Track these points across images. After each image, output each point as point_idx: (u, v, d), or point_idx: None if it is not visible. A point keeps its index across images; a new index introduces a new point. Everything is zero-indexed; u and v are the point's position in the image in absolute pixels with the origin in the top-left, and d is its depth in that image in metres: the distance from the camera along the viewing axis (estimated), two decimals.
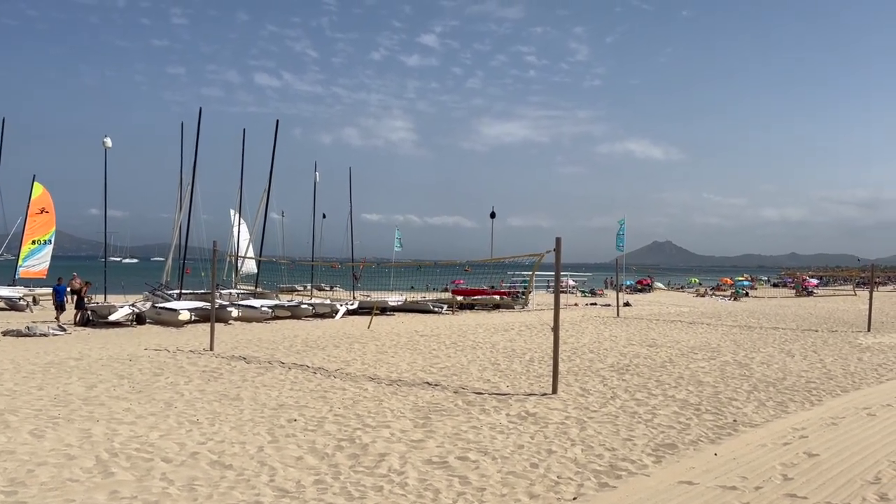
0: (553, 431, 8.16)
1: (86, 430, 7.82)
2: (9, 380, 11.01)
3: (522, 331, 21.12)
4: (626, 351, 16.19)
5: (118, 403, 9.35)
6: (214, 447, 7.23)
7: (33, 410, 8.81)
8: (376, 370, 12.77)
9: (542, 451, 7.30)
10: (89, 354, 14.33)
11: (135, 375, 11.67)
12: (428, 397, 10.17)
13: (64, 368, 12.30)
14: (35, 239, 34.35)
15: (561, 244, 10.88)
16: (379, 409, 9.26)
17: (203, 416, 8.70)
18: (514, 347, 16.63)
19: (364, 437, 7.73)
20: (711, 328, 23.14)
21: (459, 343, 17.44)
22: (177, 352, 14.98)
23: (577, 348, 16.55)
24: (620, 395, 10.47)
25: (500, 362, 14.02)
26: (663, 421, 8.77)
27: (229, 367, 12.86)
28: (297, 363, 13.45)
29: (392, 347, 16.39)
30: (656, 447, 7.47)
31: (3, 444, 7.19)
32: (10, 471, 6.30)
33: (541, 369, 13.01)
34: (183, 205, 31.36)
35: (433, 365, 13.53)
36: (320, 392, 10.48)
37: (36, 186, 34.82)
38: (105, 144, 29.82)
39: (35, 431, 7.73)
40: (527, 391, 10.80)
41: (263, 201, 35.00)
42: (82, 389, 10.32)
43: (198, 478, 6.21)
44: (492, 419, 8.76)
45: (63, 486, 5.94)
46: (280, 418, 8.63)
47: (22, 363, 12.87)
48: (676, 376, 12.38)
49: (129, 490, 5.86)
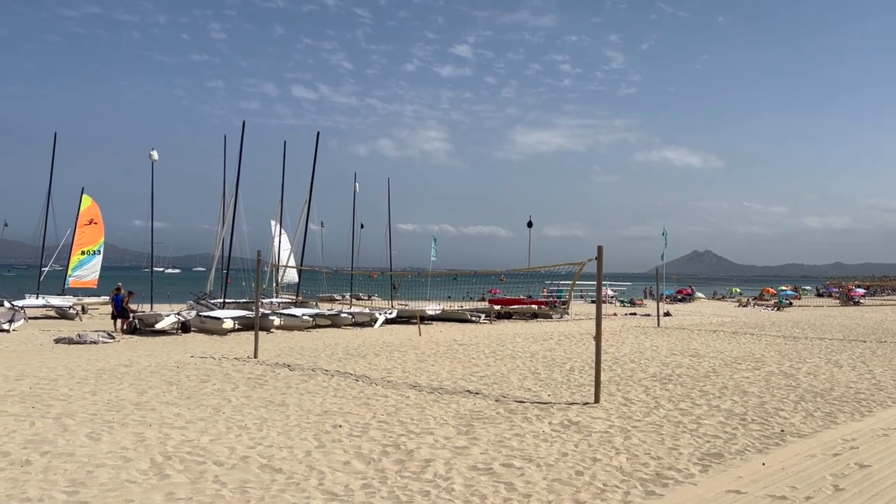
0: (597, 440, 8.15)
1: (139, 434, 8.06)
2: (64, 385, 11.37)
3: (562, 340, 21.05)
4: (668, 361, 16.03)
5: (168, 409, 9.60)
6: (263, 451, 7.39)
7: (89, 415, 9.10)
8: (417, 378, 12.87)
9: (586, 458, 7.30)
10: (138, 361, 14.71)
11: (183, 382, 11.96)
12: (470, 405, 10.23)
13: (115, 375, 12.66)
14: (84, 249, 35.35)
15: (602, 253, 10.88)
16: (422, 417, 9.35)
17: (251, 421, 8.89)
18: (553, 357, 16.59)
19: (408, 443, 7.82)
20: (755, 338, 22.77)
21: (499, 352, 17.46)
22: (222, 359, 15.28)
23: (618, 358, 16.44)
24: (664, 405, 10.40)
25: (540, 371, 14.01)
26: (708, 430, 8.69)
27: (273, 374, 13.08)
28: (339, 371, 13.62)
29: (432, 356, 16.48)
30: (702, 456, 7.42)
31: (62, 446, 7.46)
32: (71, 472, 6.53)
33: (582, 379, 12.98)
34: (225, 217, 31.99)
35: (473, 373, 13.58)
36: (363, 399, 10.61)
37: (84, 198, 35.86)
38: (152, 157, 30.60)
39: (92, 434, 7.99)
40: (569, 400, 10.79)
41: (304, 212, 35.52)
42: (134, 395, 10.62)
43: (249, 480, 6.37)
44: (534, 427, 8.78)
45: (121, 486, 6.15)
46: (325, 424, 8.77)
47: (75, 370, 13.28)
48: (720, 386, 12.24)
49: (185, 491, 6.04)
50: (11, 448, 7.29)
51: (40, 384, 11.42)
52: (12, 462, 6.80)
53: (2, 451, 7.14)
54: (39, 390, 10.84)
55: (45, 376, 12.29)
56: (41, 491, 5.94)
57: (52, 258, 37.61)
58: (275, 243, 37.19)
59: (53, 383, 11.54)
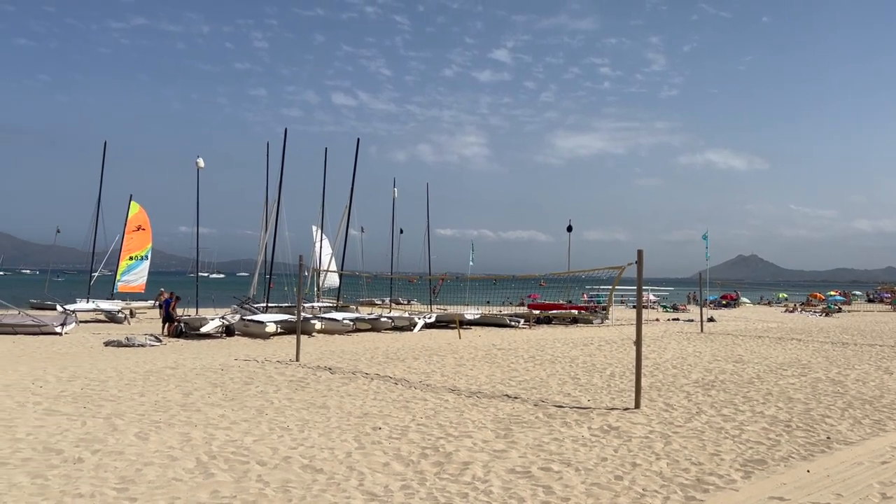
0: (637, 445, 8.10)
1: (185, 434, 8.27)
2: (113, 387, 11.72)
3: (602, 346, 20.88)
4: (712, 367, 15.80)
5: (213, 410, 9.82)
6: (305, 452, 7.53)
7: (137, 415, 9.37)
8: (456, 382, 12.93)
9: (626, 463, 7.26)
10: (184, 364, 15.06)
11: (227, 384, 12.21)
12: (508, 409, 10.25)
13: (162, 377, 12.99)
14: (132, 255, 36.29)
15: (643, 256, 10.80)
16: (460, 420, 9.40)
17: (293, 422, 9.05)
18: (593, 362, 16.48)
19: (447, 446, 7.88)
20: (802, 344, 22.26)
21: (538, 357, 17.41)
22: (265, 362, 15.56)
23: (660, 364, 16.26)
24: (706, 411, 10.26)
25: (579, 376, 13.94)
26: (751, 437, 8.56)
27: (315, 377, 13.27)
28: (379, 374, 13.75)
29: (470, 360, 16.52)
30: (745, 462, 7.31)
31: (112, 445, 7.70)
32: (121, 469, 6.75)
33: (622, 384, 12.87)
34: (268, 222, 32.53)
35: (512, 378, 13.57)
36: (402, 402, 10.70)
37: (133, 205, 36.83)
38: (198, 165, 31.29)
39: (140, 434, 8.23)
40: (608, 405, 10.72)
41: (344, 218, 35.92)
42: (180, 396, 10.89)
43: (291, 480, 6.50)
44: (574, 432, 8.76)
45: (168, 484, 6.33)
46: (365, 426, 8.88)
47: (124, 371, 13.66)
48: (765, 392, 12.02)
49: (229, 490, 6.19)
50: (65, 446, 7.56)
51: (91, 385, 11.78)
52: (65, 459, 7.05)
53: (55, 449, 7.42)
54: (90, 391, 11.19)
55: (95, 377, 12.67)
56: (93, 487, 6.16)
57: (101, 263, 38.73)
58: (316, 248, 37.67)
59: (103, 384, 11.90)
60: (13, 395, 10.62)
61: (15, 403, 9.98)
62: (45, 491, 6.04)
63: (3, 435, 8.03)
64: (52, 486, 6.16)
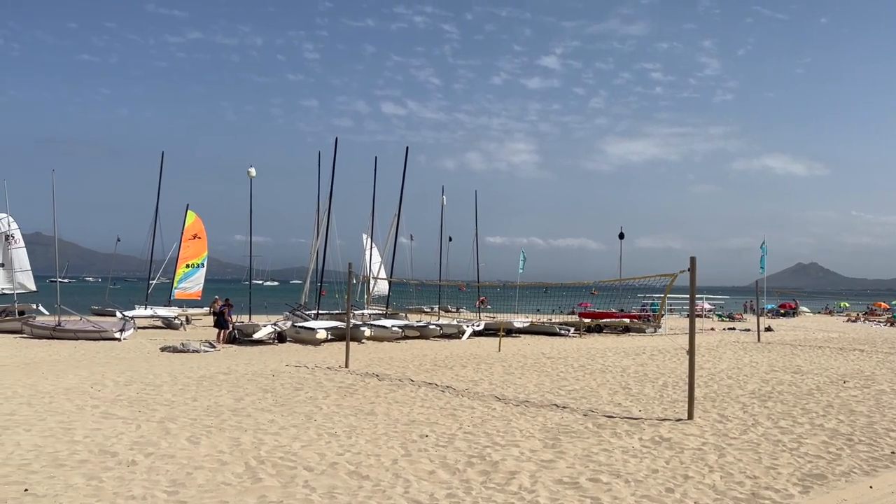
0: (689, 457, 7.88)
1: (235, 439, 8.39)
2: (168, 391, 11.98)
3: (654, 355, 20.47)
4: (769, 377, 15.31)
5: (263, 415, 9.95)
6: (352, 458, 7.55)
7: (189, 419, 9.55)
8: (503, 390, 12.82)
9: (677, 476, 7.07)
10: (236, 370, 15.32)
11: (277, 389, 12.37)
12: (557, 419, 10.10)
13: (214, 382, 13.23)
14: (189, 263, 37.20)
15: (696, 264, 10.54)
16: (508, 429, 9.30)
17: (340, 429, 9.09)
18: (645, 372, 16.16)
19: (494, 455, 7.80)
20: (865, 355, 21.41)
21: (588, 366, 17.16)
22: (315, 368, 15.71)
23: (715, 374, 15.84)
24: (762, 423, 9.93)
25: (631, 386, 13.68)
26: (810, 450, 8.24)
27: (363, 383, 13.34)
28: (426, 381, 13.74)
29: (519, 369, 16.38)
30: (803, 477, 7.04)
31: (164, 448, 7.86)
32: (172, 472, 6.87)
33: (675, 395, 12.57)
34: (320, 231, 32.96)
35: (561, 387, 13.40)
36: (450, 410, 10.66)
37: (189, 214, 37.77)
38: (250, 174, 31.92)
39: (191, 438, 8.38)
40: (660, 416, 10.48)
41: (393, 226, 36.15)
42: (231, 401, 11.07)
43: (337, 486, 6.52)
44: (624, 443, 8.57)
45: (217, 488, 6.42)
46: (412, 433, 8.87)
47: (178, 376, 13.97)
48: (825, 405, 11.58)
49: (276, 495, 6.24)
50: (119, 449, 7.75)
51: (146, 389, 12.08)
52: (120, 462, 7.22)
53: (110, 452, 7.61)
54: (146, 395, 11.47)
55: (151, 382, 12.99)
56: (144, 490, 6.28)
57: (159, 271, 39.79)
58: (366, 256, 38.00)
59: (158, 389, 12.19)
60: (73, 399, 10.96)
61: (74, 407, 10.29)
62: (99, 492, 6.19)
63: (62, 437, 8.29)
64: (106, 488, 6.31)
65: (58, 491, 6.20)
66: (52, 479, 6.53)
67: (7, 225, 37.50)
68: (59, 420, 9.27)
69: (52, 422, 9.15)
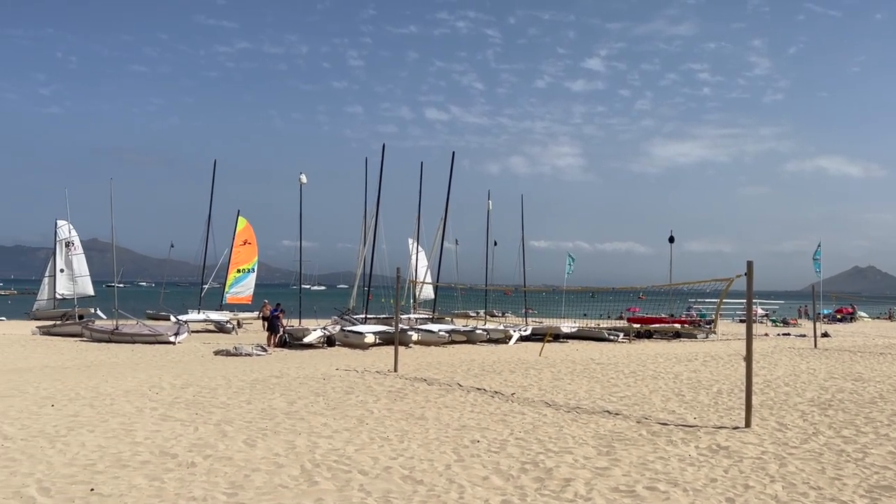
0: (749, 466, 7.69)
1: (290, 442, 8.50)
2: (223, 394, 12.22)
3: (707, 361, 20.06)
4: (828, 385, 14.85)
5: (316, 418, 10.06)
6: (405, 463, 7.58)
7: (244, 422, 9.72)
8: (553, 396, 12.72)
9: (737, 485, 6.90)
10: (288, 373, 15.54)
11: (329, 393, 12.50)
12: (609, 426, 9.97)
13: (267, 385, 13.44)
14: (240, 268, 37.95)
15: (752, 268, 10.30)
16: (560, 435, 9.22)
17: (392, 433, 9.14)
18: (699, 378, 15.84)
19: (547, 462, 7.74)
20: None
21: (639, 372, 16.91)
22: (364, 372, 15.84)
23: (771, 381, 15.44)
24: (824, 432, 9.64)
25: (684, 393, 13.42)
26: (877, 461, 7.95)
27: (413, 387, 13.39)
28: (475, 386, 13.72)
29: (568, 374, 16.23)
30: (870, 488, 6.80)
31: (222, 450, 8.01)
32: (230, 475, 7.00)
33: (730, 402, 12.30)
34: (367, 236, 33.26)
35: (612, 394, 13.23)
36: (500, 415, 10.62)
37: (240, 220, 38.53)
38: (301, 181, 32.33)
39: (248, 440, 8.53)
40: (716, 424, 10.25)
41: (439, 231, 36.25)
42: (284, 405, 11.22)
43: (392, 491, 6.55)
44: (680, 451, 8.41)
45: (275, 491, 6.51)
46: (463, 439, 8.86)
47: (232, 380, 14.23)
48: (889, 413, 11.17)
49: (332, 499, 6.30)
50: (179, 451, 7.93)
51: (202, 392, 12.34)
52: (180, 464, 7.38)
53: (170, 453, 7.79)
54: (202, 398, 11.72)
55: (206, 385, 13.27)
56: (205, 491, 6.41)
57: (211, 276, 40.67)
58: (412, 261, 38.16)
59: (213, 392, 12.43)
60: (132, 401, 11.26)
61: (134, 409, 10.57)
62: (162, 493, 6.33)
63: (124, 438, 8.52)
64: (168, 489, 6.46)
65: (122, 491, 6.37)
66: (116, 480, 6.72)
67: (68, 232, 38.84)
68: (121, 421, 9.54)
69: (114, 423, 9.42)
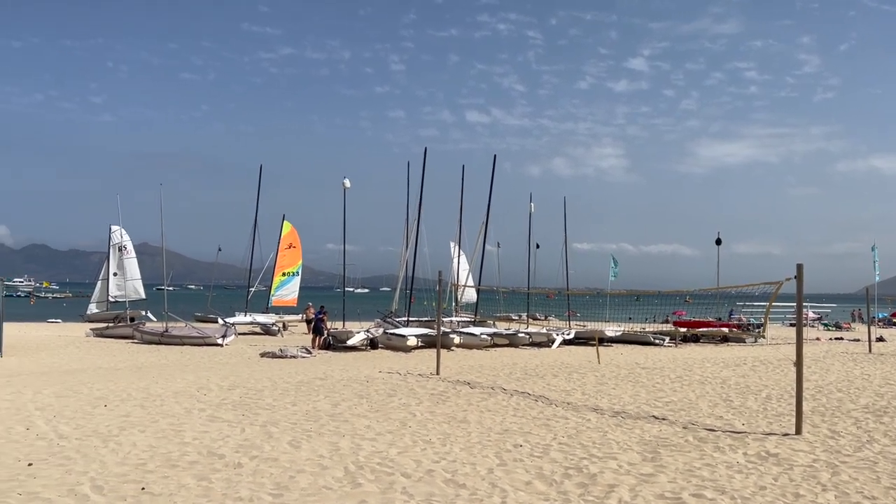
0: (799, 474, 7.49)
1: (334, 444, 8.59)
2: (268, 396, 12.41)
3: (756, 366, 19.62)
4: (883, 391, 14.38)
5: (359, 420, 10.15)
6: (447, 466, 7.59)
7: (290, 423, 9.86)
8: (597, 401, 12.59)
9: (787, 493, 6.74)
10: (332, 375, 15.70)
11: (372, 395, 12.59)
12: (655, 431, 9.83)
13: (312, 387, 13.61)
14: (285, 271, 38.55)
15: (803, 271, 10.05)
16: (604, 441, 9.13)
17: (435, 436, 9.16)
18: (747, 383, 15.50)
19: (591, 467, 7.66)
20: None
21: (685, 377, 16.62)
22: (407, 375, 15.91)
23: (823, 386, 15.02)
24: (879, 440, 9.34)
25: (732, 399, 13.15)
26: None
27: (455, 391, 13.40)
28: (518, 390, 13.67)
29: (612, 379, 16.04)
30: None
31: (268, 451, 8.14)
32: (276, 476, 7.11)
33: (779, 408, 12.00)
34: (409, 239, 33.43)
35: (658, 399, 13.03)
36: (543, 420, 10.56)
37: (285, 224, 39.12)
38: (344, 185, 32.64)
39: (293, 442, 8.65)
40: (765, 430, 10.02)
41: (481, 234, 36.23)
42: (328, 406, 11.35)
43: (435, 494, 6.56)
44: (727, 458, 8.25)
45: (319, 492, 6.59)
46: (506, 443, 8.83)
47: (278, 381, 14.45)
48: None
49: (375, 501, 6.34)
50: (226, 451, 8.08)
51: (249, 394, 12.55)
52: (227, 464, 7.53)
53: (218, 454, 7.94)
54: (248, 399, 11.92)
55: (252, 387, 13.49)
56: (251, 492, 6.52)
57: (257, 279, 41.37)
58: (454, 264, 38.21)
59: (259, 393, 12.64)
60: (181, 402, 11.51)
61: (183, 410, 10.82)
62: (209, 493, 6.46)
63: (174, 438, 8.72)
64: (216, 489, 6.59)
65: (172, 490, 6.52)
66: (166, 479, 6.88)
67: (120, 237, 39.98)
68: (170, 422, 9.77)
69: (163, 423, 9.66)
